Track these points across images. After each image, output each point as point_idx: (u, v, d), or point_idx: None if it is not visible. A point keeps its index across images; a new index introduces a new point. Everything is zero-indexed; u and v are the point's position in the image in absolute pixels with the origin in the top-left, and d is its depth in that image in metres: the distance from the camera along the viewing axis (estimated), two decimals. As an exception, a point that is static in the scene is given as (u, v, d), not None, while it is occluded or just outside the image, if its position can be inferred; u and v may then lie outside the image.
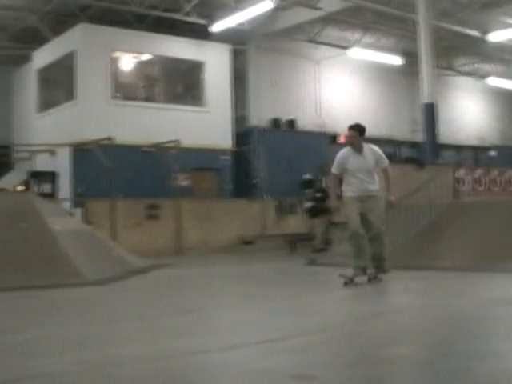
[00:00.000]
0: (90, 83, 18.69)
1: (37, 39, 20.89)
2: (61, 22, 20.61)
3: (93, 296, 8.61)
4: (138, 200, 17.09)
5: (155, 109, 19.51)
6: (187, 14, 19.35)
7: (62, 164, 18.61)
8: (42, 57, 20.93)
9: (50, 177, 18.54)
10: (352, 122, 8.80)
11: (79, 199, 17.35)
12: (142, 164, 18.32)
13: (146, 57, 20.39)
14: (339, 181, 8.78)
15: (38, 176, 18.85)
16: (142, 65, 20.46)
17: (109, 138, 16.53)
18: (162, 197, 17.37)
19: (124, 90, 19.87)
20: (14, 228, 10.46)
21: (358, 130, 8.49)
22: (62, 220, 12.31)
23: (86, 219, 16.09)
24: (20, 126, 22.67)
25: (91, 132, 17.52)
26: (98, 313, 7.09)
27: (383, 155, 8.61)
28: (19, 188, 18.68)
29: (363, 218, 8.38)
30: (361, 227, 8.30)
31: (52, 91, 21.65)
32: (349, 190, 8.45)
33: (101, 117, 18.28)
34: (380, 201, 8.59)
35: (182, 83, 21.56)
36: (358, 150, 8.42)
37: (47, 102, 21.02)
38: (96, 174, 16.82)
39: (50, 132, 19.68)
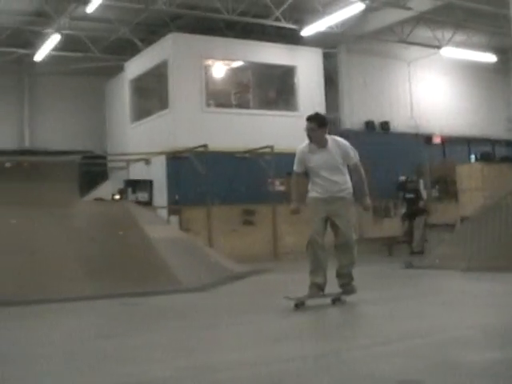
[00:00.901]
0: (183, 92, 19.45)
1: (128, 50, 22.05)
2: (152, 33, 21.68)
3: (192, 302, 8.85)
4: (234, 206, 17.57)
5: (248, 115, 20.07)
6: (277, 20, 19.72)
7: (158, 172, 19.40)
8: (134, 67, 22.00)
9: (147, 185, 19.11)
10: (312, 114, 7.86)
11: (175, 207, 18.04)
12: (236, 170, 18.82)
13: (237, 64, 21.00)
14: (302, 180, 7.88)
15: (134, 184, 19.52)
16: (233, 72, 21.11)
17: (205, 146, 17.14)
18: (257, 202, 17.81)
19: (216, 97, 20.55)
20: (112, 236, 10.94)
21: (316, 121, 7.55)
22: (160, 227, 12.83)
23: (182, 226, 16.70)
24: (114, 136, 23.62)
25: (185, 140, 18.23)
26: (198, 319, 7.30)
27: (352, 149, 7.61)
28: (115, 197, 19.30)
29: (330, 223, 7.53)
30: (322, 235, 7.41)
31: (145, 101, 22.62)
32: (313, 191, 7.62)
33: (194, 124, 18.93)
34: (351, 204, 7.65)
35: (274, 88, 22.04)
36: (320, 144, 7.48)
37: (141, 112, 22.03)
38: (191, 182, 17.52)
39: (144, 141, 20.58)
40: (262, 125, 19.54)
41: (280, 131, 19.08)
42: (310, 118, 7.54)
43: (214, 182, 16.91)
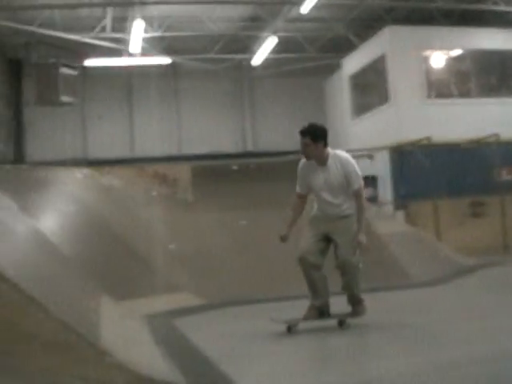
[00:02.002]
0: (403, 84, 20.74)
1: (344, 47, 23.94)
2: (366, 27, 23.33)
3: (422, 297, 9.36)
4: (461, 198, 18.37)
5: (470, 104, 20.92)
6: (495, 3, 20.52)
7: (381, 167, 20.81)
8: (352, 63, 23.84)
9: (371, 181, 20.86)
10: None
11: (400, 201, 19.36)
12: (462, 161, 19.53)
13: (455, 52, 21.86)
14: (303, 203, 7.39)
15: (359, 181, 21.32)
16: (451, 61, 21.96)
17: (428, 138, 18.33)
18: (484, 193, 18.46)
19: (436, 87, 21.59)
20: None
21: (309, 134, 6.93)
22: (387, 223, 13.95)
23: (409, 221, 17.84)
24: (335, 133, 25.77)
25: (408, 133, 19.51)
26: (432, 314, 7.75)
27: (355, 172, 6.96)
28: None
29: (329, 241, 7.10)
30: (315, 254, 6.96)
31: (364, 96, 24.30)
32: (315, 209, 7.26)
33: (416, 117, 20.11)
34: (354, 224, 7.05)
35: (495, 75, 22.52)
36: (320, 161, 6.95)
37: (361, 108, 23.78)
38: (415, 175, 18.74)
39: (365, 136, 22.27)
40: (485, 113, 20.13)
41: (504, 119, 19.61)
42: (302, 132, 6.99)
43: (438, 175, 17.82)
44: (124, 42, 21.68)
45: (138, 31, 20.29)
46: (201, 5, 20.61)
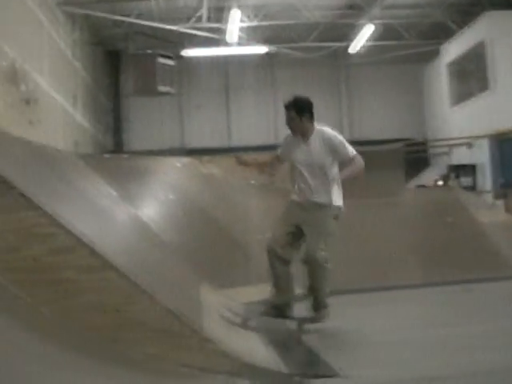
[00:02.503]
0: (503, 71, 20.38)
1: (443, 33, 23.60)
2: (465, 13, 22.90)
3: None
4: None
5: None
6: None
7: (480, 156, 20.61)
8: (451, 50, 23.57)
9: (470, 170, 20.61)
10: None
11: (500, 191, 18.85)
12: None
13: None
14: (280, 162, 7.07)
15: (457, 170, 21.11)
16: None
17: None
18: None
19: None
20: (441, 223, 11.44)
21: (295, 107, 6.48)
22: (487, 212, 13.28)
23: (509, 210, 16.97)
24: (434, 121, 25.48)
25: (508, 121, 18.85)
26: None
27: (342, 143, 6.42)
28: (438, 183, 21.16)
29: (302, 233, 6.45)
30: (284, 245, 6.42)
31: (464, 83, 23.81)
32: (292, 192, 6.67)
33: None
34: (330, 216, 6.44)
35: None
36: (305, 136, 6.48)
37: (460, 95, 23.42)
38: None
39: (465, 124, 21.91)
40: None
41: None
42: (287, 105, 6.56)
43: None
44: (220, 31, 21.87)
45: (234, 21, 20.43)
46: (297, -7, 20.63)
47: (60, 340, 4.02)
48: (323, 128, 6.47)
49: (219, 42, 22.64)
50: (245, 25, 21.80)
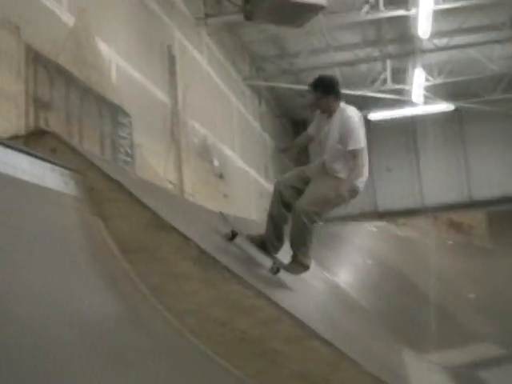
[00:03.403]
0: None
1: None
2: None
3: None
4: None
5: None
6: None
7: None
8: None
9: None
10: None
11: None
12: None
13: None
14: (309, 142, 7.04)
15: None
16: None
17: None
18: None
19: None
20: None
21: (319, 87, 6.33)
22: None
23: None
24: None
25: None
26: None
27: (353, 132, 6.17)
28: None
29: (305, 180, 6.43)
30: (289, 187, 6.40)
31: None
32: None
33: None
34: (331, 180, 6.21)
35: None
36: (328, 114, 6.36)
37: None
38: None
39: None
40: None
41: None
42: (312, 86, 6.40)
43: None
44: (405, 92, 21.86)
45: (418, 80, 20.40)
46: (480, 46, 20.23)
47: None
48: (347, 108, 6.30)
49: (404, 102, 22.62)
50: (429, 83, 21.68)
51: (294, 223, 6.21)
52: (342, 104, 6.33)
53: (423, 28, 13.93)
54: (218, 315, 4.36)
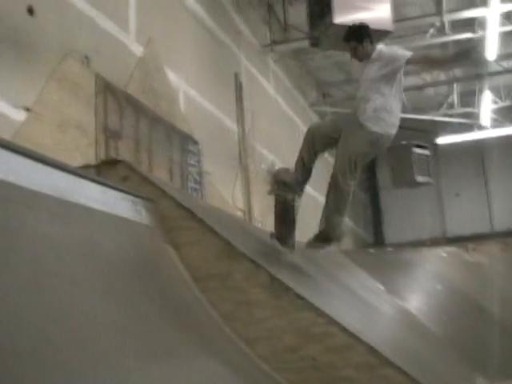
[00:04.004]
0: None
1: None
2: None
3: None
4: None
5: None
6: None
7: None
8: None
9: None
10: None
11: None
12: None
13: None
14: None
15: None
16: None
17: None
18: None
19: None
20: None
21: (353, 37, 6.19)
22: None
23: None
24: None
25: None
26: None
27: (394, 48, 6.18)
28: None
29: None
30: (321, 135, 6.26)
31: None
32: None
33: None
34: (365, 136, 5.90)
35: None
36: (368, 58, 6.15)
37: None
38: None
39: None
40: None
41: None
42: (346, 38, 6.27)
43: None
44: (473, 115, 21.56)
45: (486, 103, 20.11)
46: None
47: None
48: (385, 47, 6.19)
49: (472, 126, 22.32)
50: (497, 106, 21.35)
51: (329, 195, 6.09)
52: (380, 45, 6.24)
53: (490, 50, 13.74)
54: (289, 342, 4.37)
